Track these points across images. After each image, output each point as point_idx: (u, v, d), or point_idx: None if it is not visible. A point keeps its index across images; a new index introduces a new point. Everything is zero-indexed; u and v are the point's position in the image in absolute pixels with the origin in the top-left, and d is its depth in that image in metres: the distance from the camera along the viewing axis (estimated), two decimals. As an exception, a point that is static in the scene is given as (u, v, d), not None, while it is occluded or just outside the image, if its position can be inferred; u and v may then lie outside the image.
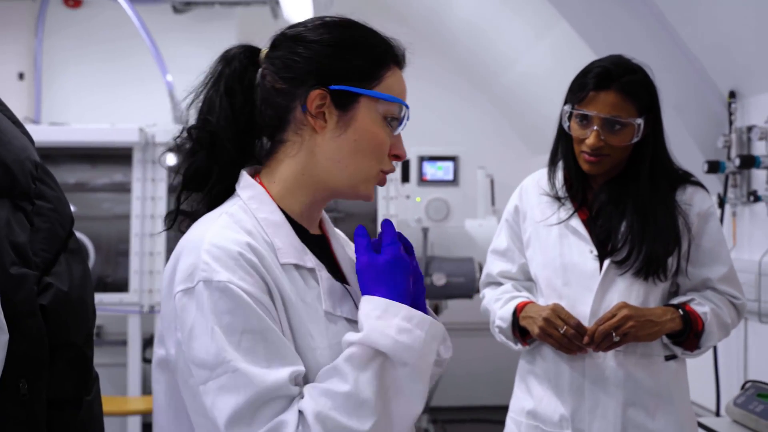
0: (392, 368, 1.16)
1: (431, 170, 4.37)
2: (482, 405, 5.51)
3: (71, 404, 1.27)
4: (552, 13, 3.62)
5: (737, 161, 2.91)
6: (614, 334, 1.92)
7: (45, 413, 1.23)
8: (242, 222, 1.21)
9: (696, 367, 3.07)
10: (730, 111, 3.10)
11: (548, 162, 2.18)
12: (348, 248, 1.40)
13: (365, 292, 1.22)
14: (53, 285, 1.26)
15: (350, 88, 1.25)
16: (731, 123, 3.09)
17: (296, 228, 1.28)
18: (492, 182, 5.06)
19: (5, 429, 1.16)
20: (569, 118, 2.04)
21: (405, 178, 4.34)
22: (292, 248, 1.23)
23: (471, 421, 5.43)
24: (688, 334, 1.99)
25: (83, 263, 1.35)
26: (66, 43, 5.38)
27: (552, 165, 2.16)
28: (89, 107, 5.19)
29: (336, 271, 1.33)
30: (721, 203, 3.13)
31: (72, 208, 1.39)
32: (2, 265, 1.17)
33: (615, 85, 1.97)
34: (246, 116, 1.28)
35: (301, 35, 1.27)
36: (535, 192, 2.18)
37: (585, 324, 1.99)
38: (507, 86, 5.47)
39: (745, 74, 3.01)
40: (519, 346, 2.14)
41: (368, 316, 1.18)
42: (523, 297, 2.15)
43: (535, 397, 2.09)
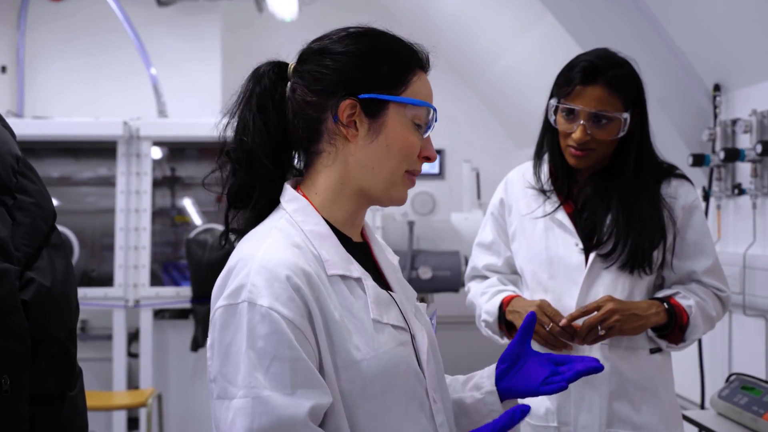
0: None
1: (417, 164, 4.36)
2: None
3: (54, 400, 1.26)
4: (538, 7, 3.62)
5: (722, 154, 2.92)
6: (600, 328, 1.92)
7: (27, 409, 1.22)
8: (291, 236, 1.26)
9: (681, 360, 3.08)
10: (715, 104, 3.11)
11: (534, 155, 2.18)
12: (389, 253, 1.47)
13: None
14: (35, 280, 1.25)
15: (379, 96, 1.29)
16: (716, 116, 3.10)
17: (340, 237, 1.32)
18: (478, 176, 5.06)
19: (-13, 425, 1.15)
20: (555, 112, 2.04)
21: (391, 172, 4.33)
22: (339, 259, 1.28)
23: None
24: (673, 328, 1.99)
25: (66, 258, 1.34)
26: (49, 37, 5.33)
27: (537, 158, 2.16)
28: (73, 101, 5.15)
29: (379, 278, 1.37)
30: (706, 196, 3.14)
31: (56, 203, 1.38)
32: (-17, 260, 1.16)
33: (601, 80, 1.97)
34: (280, 131, 1.32)
35: (327, 48, 1.32)
36: (521, 185, 2.18)
37: None
38: (492, 80, 5.48)
39: (730, 68, 3.02)
40: (505, 340, 2.14)
41: None
42: (509, 291, 2.16)
43: (521, 391, 2.10)
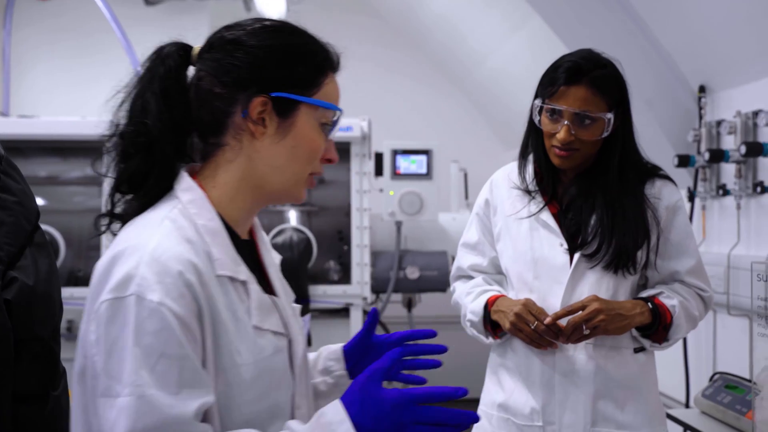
0: None
1: (405, 164, 4.37)
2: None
3: (37, 399, 1.26)
4: (525, 8, 3.63)
5: (707, 155, 2.94)
6: (584, 327, 1.93)
7: (10, 408, 1.22)
8: (183, 229, 1.20)
9: (666, 359, 3.10)
10: (700, 105, 3.12)
11: (518, 155, 2.18)
12: (274, 252, 1.44)
13: (351, 393, 1.17)
14: (18, 279, 1.25)
15: (292, 96, 1.26)
16: (701, 117, 3.12)
17: (231, 235, 1.28)
18: (465, 176, 5.07)
19: (-31, 425, 1.15)
20: (540, 113, 2.04)
21: (378, 172, 4.33)
22: (228, 259, 1.24)
23: (444, 415, 5.45)
24: (657, 327, 2.01)
25: (49, 257, 1.34)
26: (36, 36, 5.31)
27: (522, 158, 2.17)
28: (60, 101, 5.12)
29: (262, 278, 1.35)
30: (691, 197, 3.16)
31: (42, 202, 1.38)
32: (-35, 259, 1.15)
33: (585, 80, 1.97)
34: (182, 117, 1.27)
35: (241, 39, 1.27)
36: (506, 185, 2.19)
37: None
38: (480, 81, 5.49)
39: (715, 69, 3.03)
40: (490, 340, 2.14)
41: (323, 424, 1.15)
42: (494, 291, 2.16)
43: (506, 390, 2.10)
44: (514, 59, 4.63)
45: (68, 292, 4.08)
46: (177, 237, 1.18)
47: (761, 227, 2.79)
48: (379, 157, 4.33)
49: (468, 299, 2.17)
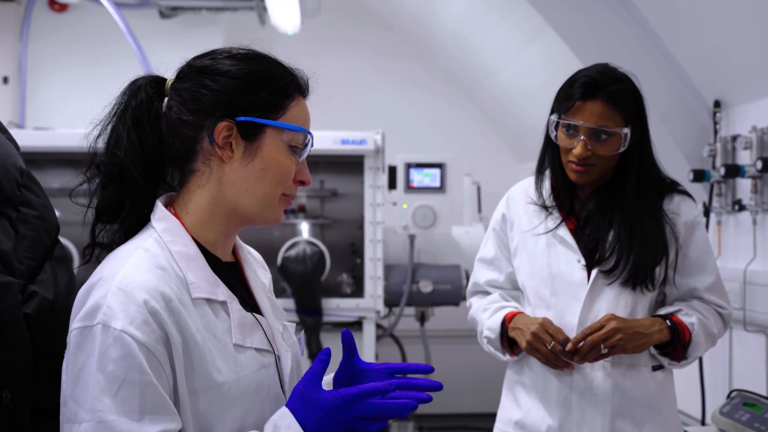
0: None
1: (418, 177, 4.37)
2: (468, 413, 5.49)
3: (56, 414, 1.26)
4: (539, 22, 3.63)
5: (722, 170, 2.93)
6: (602, 346, 1.91)
7: (29, 423, 1.22)
8: (156, 257, 1.24)
9: (682, 376, 3.07)
10: (715, 120, 3.11)
11: (535, 170, 2.18)
12: (260, 272, 1.45)
13: (293, 399, 1.23)
14: (38, 293, 1.25)
15: (256, 119, 1.29)
16: (716, 132, 3.11)
17: (209, 257, 1.31)
18: (479, 189, 5.07)
19: (-12, 439, 1.15)
20: (556, 128, 2.03)
21: (392, 185, 4.33)
22: (205, 282, 1.26)
23: (456, 429, 5.42)
24: (676, 345, 1.99)
25: (69, 271, 1.34)
26: (52, 48, 5.34)
27: (539, 173, 2.16)
28: (75, 112, 5.12)
29: (248, 298, 1.37)
30: (707, 212, 3.14)
31: (57, 214, 1.38)
32: (-14, 274, 1.16)
33: (601, 95, 1.97)
34: (154, 147, 1.30)
35: (207, 67, 1.31)
36: (523, 200, 2.18)
37: (572, 336, 1.98)
38: (493, 94, 5.49)
39: (730, 84, 3.02)
40: (507, 357, 2.13)
41: (275, 426, 1.21)
42: (511, 307, 2.15)
43: (523, 408, 2.09)
44: (528, 73, 4.63)
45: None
46: (147, 265, 1.22)
47: (778, 243, 2.77)
48: (393, 171, 4.33)
49: (485, 315, 2.16)
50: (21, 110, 5.22)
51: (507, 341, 2.10)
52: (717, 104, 3.11)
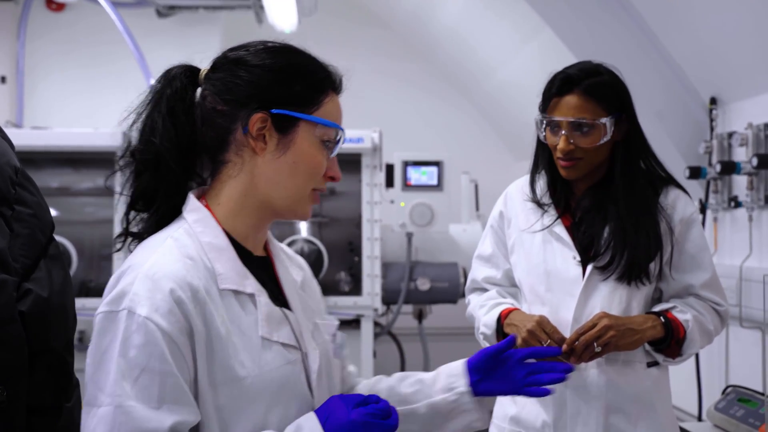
0: None
1: (415, 175, 4.38)
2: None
3: (51, 411, 1.27)
4: (536, 20, 3.64)
5: (718, 167, 2.93)
6: (595, 345, 1.91)
7: (24, 420, 1.22)
8: (186, 248, 1.25)
9: (678, 372, 3.08)
10: (711, 117, 3.12)
11: (530, 169, 2.19)
12: (293, 269, 1.45)
13: (324, 406, 1.26)
14: (33, 291, 1.26)
15: (291, 113, 1.30)
16: (712, 129, 3.11)
17: (240, 250, 1.31)
18: (476, 187, 5.07)
19: (-17, 436, 1.16)
20: (543, 128, 2.06)
21: (389, 183, 4.34)
22: (234, 273, 1.27)
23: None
24: (670, 342, 1.99)
25: (64, 269, 1.35)
26: (49, 47, 5.34)
27: (534, 171, 2.17)
28: (73, 111, 5.15)
29: (279, 293, 1.37)
30: (703, 209, 3.15)
31: (54, 213, 1.39)
32: (-19, 271, 1.16)
33: (577, 88, 2.00)
34: (188, 136, 1.31)
35: (244, 59, 1.32)
36: (519, 198, 2.19)
37: (567, 332, 1.99)
38: (490, 92, 5.49)
39: (726, 81, 3.03)
40: None
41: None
42: (508, 303, 2.15)
43: (518, 403, 2.10)
44: (525, 71, 4.63)
45: (80, 303, 4.06)
46: (176, 255, 1.23)
47: (774, 239, 2.78)
48: (390, 169, 4.34)
49: (481, 312, 2.17)
50: (19, 110, 5.22)
51: (503, 337, 2.11)
52: (713, 101, 3.12)
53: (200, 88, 1.33)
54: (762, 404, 2.43)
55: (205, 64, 1.34)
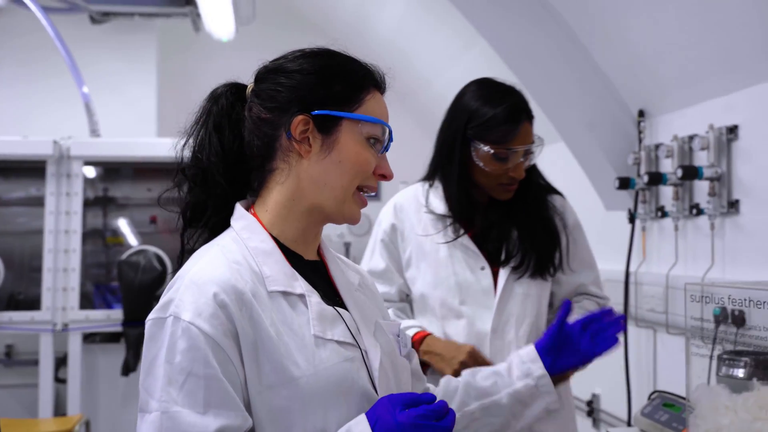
0: None
1: (353, 185, 4.39)
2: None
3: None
4: (471, 33, 3.69)
5: (646, 178, 3.01)
6: None
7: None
8: (232, 253, 1.27)
9: (608, 378, 3.15)
10: (640, 129, 3.20)
11: (425, 179, 2.22)
12: (349, 273, 1.46)
13: (373, 409, 1.23)
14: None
15: (331, 112, 1.31)
16: (640, 141, 3.20)
17: (290, 255, 1.33)
18: (413, 197, 5.11)
19: None
20: (491, 157, 2.06)
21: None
22: (282, 275, 1.28)
23: None
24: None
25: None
26: (-22, 53, 5.21)
27: (430, 185, 2.20)
28: (2, 118, 5.03)
29: (334, 295, 1.37)
30: (632, 218, 3.23)
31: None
32: None
33: (525, 115, 2.08)
34: (236, 150, 1.34)
35: (282, 66, 1.35)
36: (414, 209, 2.19)
37: (486, 343, 2.03)
38: (425, 104, 5.54)
39: (653, 95, 3.12)
40: None
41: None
42: (416, 327, 2.13)
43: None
44: (461, 82, 4.67)
45: (7, 317, 3.98)
46: (221, 261, 1.25)
47: (697, 248, 2.86)
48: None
49: None
50: (-55, 116, 5.08)
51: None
52: (641, 114, 3.20)
53: (248, 102, 1.36)
54: (684, 409, 2.50)
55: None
